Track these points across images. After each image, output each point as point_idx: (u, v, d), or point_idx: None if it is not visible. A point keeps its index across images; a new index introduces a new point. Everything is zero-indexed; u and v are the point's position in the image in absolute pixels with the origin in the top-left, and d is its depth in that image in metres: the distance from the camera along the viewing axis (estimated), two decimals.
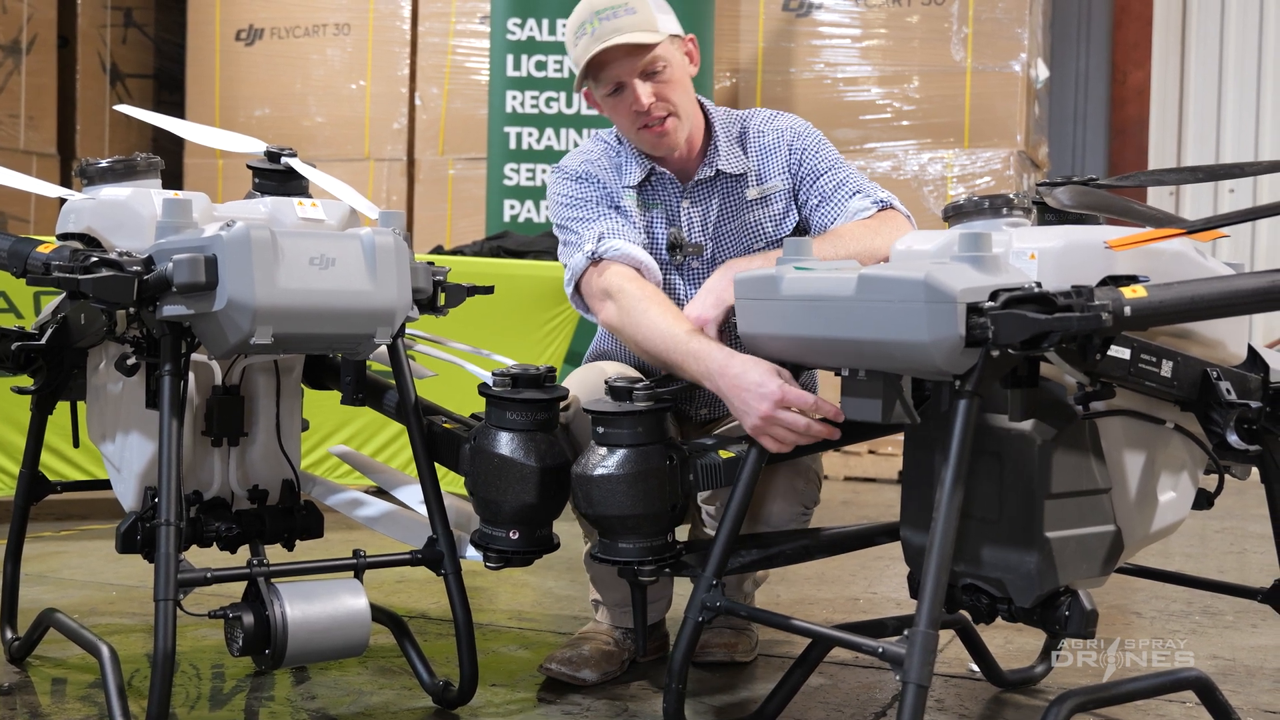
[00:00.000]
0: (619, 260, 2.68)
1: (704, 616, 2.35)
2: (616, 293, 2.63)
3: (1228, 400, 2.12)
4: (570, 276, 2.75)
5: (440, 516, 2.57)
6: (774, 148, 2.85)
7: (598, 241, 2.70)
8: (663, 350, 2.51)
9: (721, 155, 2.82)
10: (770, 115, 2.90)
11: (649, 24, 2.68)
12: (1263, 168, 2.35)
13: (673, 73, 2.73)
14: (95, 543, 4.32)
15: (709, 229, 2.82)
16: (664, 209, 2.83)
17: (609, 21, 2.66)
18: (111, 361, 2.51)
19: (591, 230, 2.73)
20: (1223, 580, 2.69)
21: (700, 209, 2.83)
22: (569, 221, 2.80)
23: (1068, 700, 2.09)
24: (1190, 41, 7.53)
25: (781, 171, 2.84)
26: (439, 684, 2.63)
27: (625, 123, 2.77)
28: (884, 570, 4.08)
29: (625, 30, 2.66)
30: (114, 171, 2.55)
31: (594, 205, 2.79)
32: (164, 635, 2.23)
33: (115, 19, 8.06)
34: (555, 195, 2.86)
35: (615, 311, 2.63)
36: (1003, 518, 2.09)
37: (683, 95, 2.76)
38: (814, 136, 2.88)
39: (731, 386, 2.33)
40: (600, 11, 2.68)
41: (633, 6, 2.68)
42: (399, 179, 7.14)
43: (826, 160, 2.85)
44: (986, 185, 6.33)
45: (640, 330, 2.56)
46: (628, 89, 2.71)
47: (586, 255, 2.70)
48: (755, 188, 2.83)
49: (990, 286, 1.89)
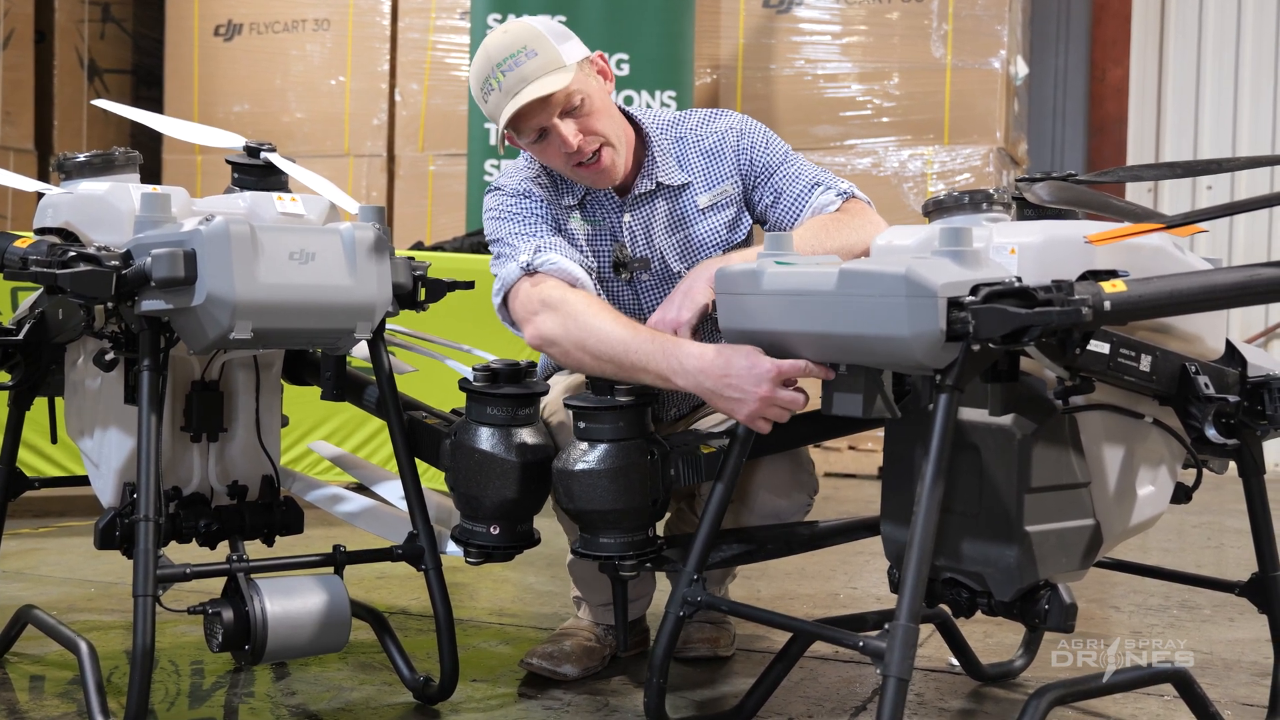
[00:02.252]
0: (555, 274, 2.55)
1: (685, 611, 2.36)
2: (558, 303, 2.49)
3: (1206, 395, 2.13)
4: (500, 287, 2.61)
5: (421, 512, 2.57)
6: (718, 150, 2.74)
7: (534, 253, 2.57)
8: (620, 353, 2.39)
9: (659, 166, 2.71)
10: (707, 116, 2.78)
11: (554, 62, 2.54)
12: (1240, 164, 2.36)
13: (592, 103, 2.59)
14: (74, 539, 4.30)
15: (653, 242, 2.72)
16: (606, 225, 2.72)
17: (513, 72, 2.52)
18: (90, 357, 2.50)
19: (528, 243, 2.60)
20: (1200, 574, 2.70)
21: (642, 223, 2.71)
22: (505, 234, 2.66)
23: (1047, 694, 2.10)
24: (1169, 39, 7.56)
25: (731, 175, 2.73)
26: (419, 679, 2.63)
27: (559, 164, 2.64)
28: (864, 565, 4.09)
29: (532, 77, 2.52)
30: (92, 166, 2.53)
31: (533, 221, 2.66)
32: (143, 631, 2.23)
33: (93, 14, 8.02)
34: (492, 209, 2.72)
35: (556, 322, 2.48)
36: (983, 512, 2.09)
37: (608, 121, 2.62)
38: (758, 132, 2.76)
39: (718, 377, 2.25)
40: (500, 64, 2.53)
41: (531, 48, 2.53)
42: (379, 175, 7.12)
43: (776, 154, 2.74)
44: (966, 182, 6.35)
45: (591, 336, 2.42)
46: (552, 133, 2.57)
47: (521, 265, 2.57)
48: (706, 194, 2.72)
49: (971, 281, 1.90)
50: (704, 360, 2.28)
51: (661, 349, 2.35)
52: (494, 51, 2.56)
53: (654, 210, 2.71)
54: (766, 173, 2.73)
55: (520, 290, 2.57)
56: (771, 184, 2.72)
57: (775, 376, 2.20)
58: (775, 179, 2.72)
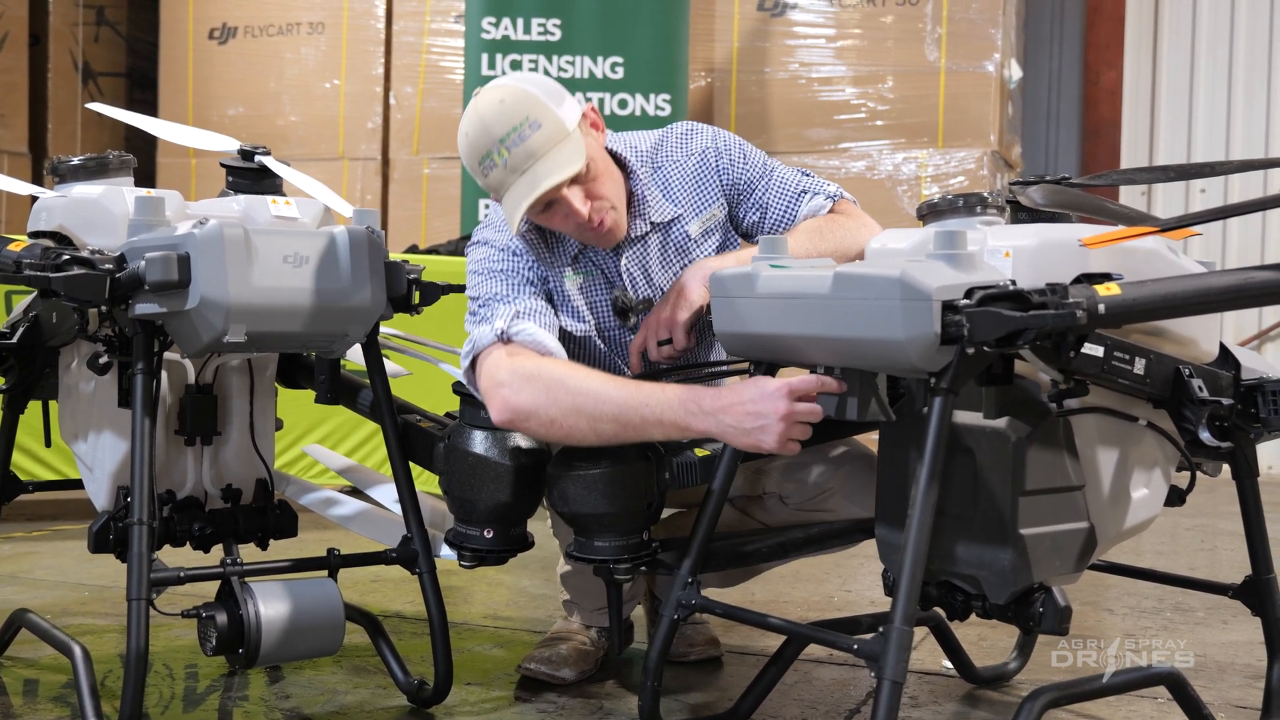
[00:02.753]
0: (530, 345, 2.41)
1: (680, 614, 2.35)
2: (534, 374, 2.33)
3: (1200, 398, 2.13)
4: (470, 350, 2.45)
5: (415, 515, 2.57)
6: (699, 174, 2.62)
7: (511, 320, 2.43)
8: (624, 410, 2.25)
9: (650, 205, 2.58)
10: (682, 137, 2.65)
11: (559, 132, 2.38)
12: (1233, 167, 2.37)
13: (596, 167, 2.45)
14: (67, 543, 4.30)
15: (652, 280, 2.62)
16: (602, 273, 2.60)
17: (518, 148, 2.35)
18: (84, 360, 2.50)
19: (507, 308, 2.46)
20: (1194, 577, 2.71)
21: (639, 263, 2.61)
22: (485, 294, 2.52)
23: (1041, 696, 2.10)
24: (1162, 42, 7.58)
25: (716, 197, 2.63)
26: (414, 683, 2.62)
27: (566, 229, 2.50)
28: (859, 568, 4.09)
29: (540, 152, 2.35)
30: (86, 169, 2.53)
31: (517, 283, 2.53)
32: (137, 635, 2.22)
33: (87, 17, 8.01)
34: (477, 264, 2.57)
35: (536, 393, 2.30)
36: (977, 515, 2.09)
37: (609, 183, 2.49)
38: (735, 148, 2.65)
39: (737, 409, 2.17)
40: (503, 139, 2.36)
41: (534, 119, 2.36)
42: (373, 178, 7.11)
43: (755, 169, 2.64)
44: (960, 185, 6.36)
45: (586, 401, 2.27)
46: (560, 203, 2.42)
47: (496, 332, 2.41)
48: (695, 221, 2.62)
49: (965, 284, 1.90)
50: (719, 400, 2.19)
51: (677, 397, 2.23)
52: (493, 124, 2.37)
53: (648, 248, 2.61)
54: (749, 189, 2.64)
55: (492, 356, 2.40)
56: (755, 199, 2.64)
57: (788, 393, 2.13)
58: (758, 194, 2.64)
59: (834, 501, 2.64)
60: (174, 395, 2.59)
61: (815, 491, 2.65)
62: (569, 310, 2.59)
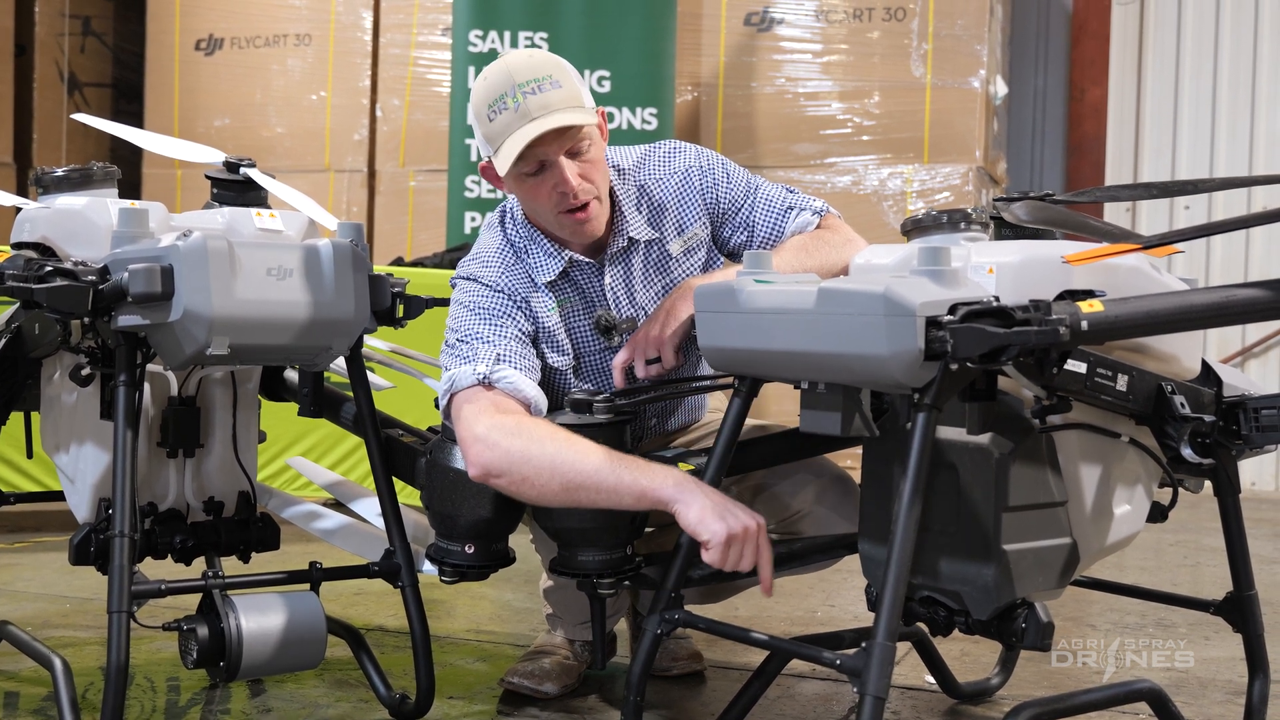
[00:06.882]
0: (510, 393, 2.41)
1: (663, 629, 2.35)
2: (513, 431, 2.31)
3: (1182, 414, 2.14)
4: (449, 387, 2.43)
5: (398, 529, 2.56)
6: (682, 192, 2.62)
7: (494, 363, 2.42)
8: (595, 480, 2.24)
9: (629, 222, 2.59)
10: (665, 157, 2.66)
11: (577, 98, 2.43)
12: (1216, 184, 2.38)
13: (595, 152, 2.48)
14: (49, 555, 4.28)
15: (635, 298, 2.62)
16: (582, 295, 2.60)
17: (535, 96, 2.39)
18: (66, 372, 2.49)
19: (490, 350, 2.45)
20: (1176, 593, 2.71)
21: (622, 280, 2.60)
22: (468, 332, 2.50)
23: (1022, 712, 2.10)
24: (1147, 59, 7.61)
25: (700, 216, 2.63)
26: (396, 696, 2.62)
27: (545, 205, 2.49)
28: (841, 584, 4.09)
29: (556, 106, 2.40)
30: (70, 180, 2.52)
31: (501, 323, 2.51)
32: (118, 648, 2.22)
33: (73, 28, 8.00)
34: (463, 298, 2.56)
35: (512, 452, 2.28)
36: (960, 530, 2.10)
37: (602, 177, 2.52)
38: (719, 167, 2.65)
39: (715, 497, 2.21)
40: (522, 85, 2.40)
41: (557, 79, 2.42)
42: (359, 190, 7.11)
43: (739, 187, 2.65)
44: (945, 200, 6.37)
45: (565, 462, 2.25)
46: (553, 169, 2.44)
47: (477, 375, 2.40)
48: (677, 240, 2.63)
49: (949, 300, 1.90)
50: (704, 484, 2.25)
51: (669, 472, 2.26)
52: (517, 70, 2.42)
53: (630, 265, 2.62)
54: (734, 209, 2.65)
55: (471, 404, 2.39)
56: (742, 219, 2.65)
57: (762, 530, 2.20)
58: (744, 213, 2.65)
59: (805, 524, 2.65)
60: (156, 407, 2.59)
61: (787, 513, 2.65)
62: (551, 343, 2.59)
